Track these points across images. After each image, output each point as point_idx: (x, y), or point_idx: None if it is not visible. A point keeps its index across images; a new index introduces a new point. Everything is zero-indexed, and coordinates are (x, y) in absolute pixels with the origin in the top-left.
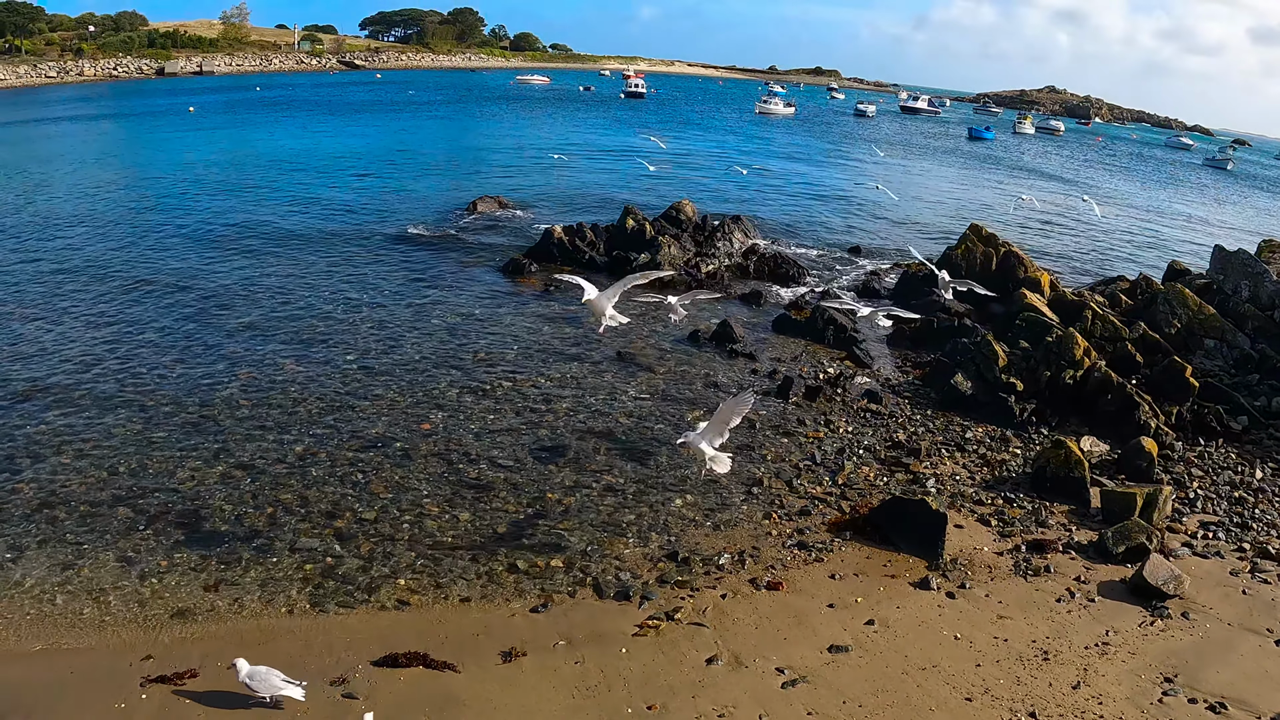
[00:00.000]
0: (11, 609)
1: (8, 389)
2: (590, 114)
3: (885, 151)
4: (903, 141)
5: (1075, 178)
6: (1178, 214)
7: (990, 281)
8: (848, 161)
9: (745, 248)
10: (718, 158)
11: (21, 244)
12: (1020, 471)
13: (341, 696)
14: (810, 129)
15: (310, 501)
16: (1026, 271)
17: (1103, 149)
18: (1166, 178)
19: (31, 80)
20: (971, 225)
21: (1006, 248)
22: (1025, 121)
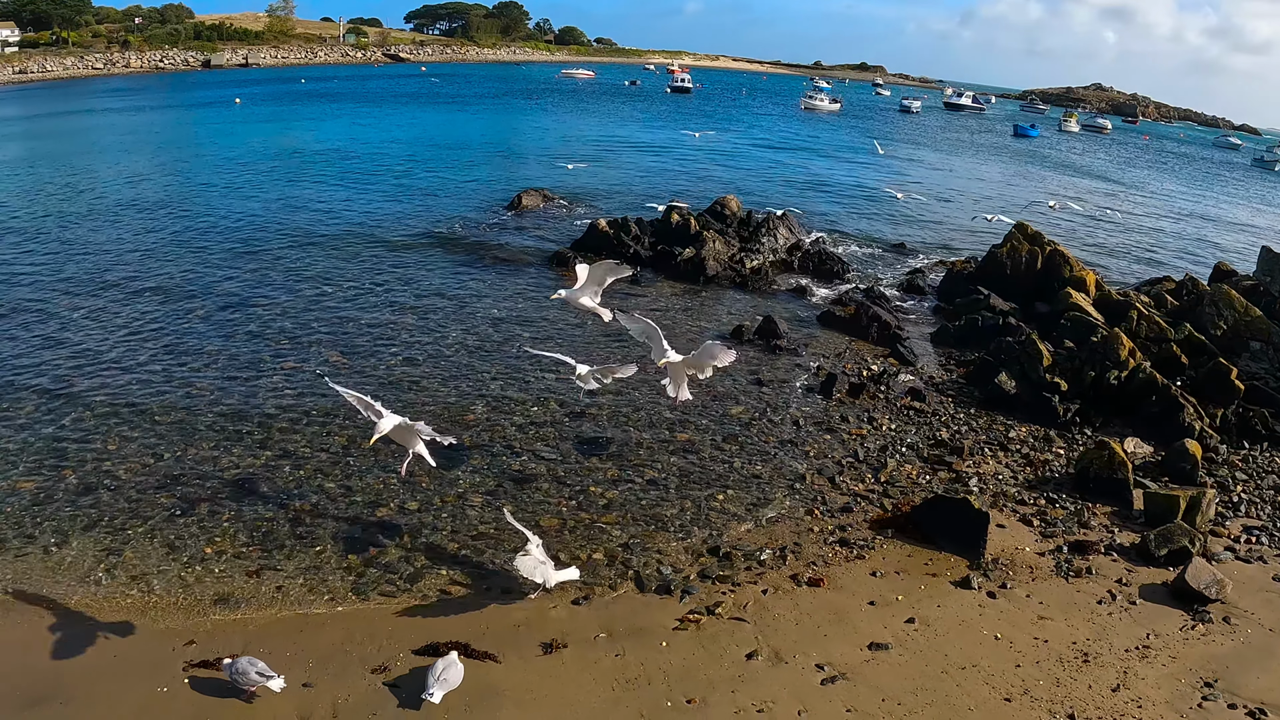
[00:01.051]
0: (56, 592)
1: (54, 376)
2: (636, 109)
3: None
4: (947, 138)
5: (1121, 177)
6: (1224, 214)
7: (1036, 281)
8: (893, 158)
9: (790, 244)
10: (763, 153)
11: (70, 234)
12: (1063, 472)
13: (382, 685)
14: (856, 125)
15: (354, 491)
16: (1072, 271)
17: (1149, 148)
18: (1213, 177)
19: (78, 72)
20: (1017, 224)
21: (1052, 246)
22: (1071, 119)
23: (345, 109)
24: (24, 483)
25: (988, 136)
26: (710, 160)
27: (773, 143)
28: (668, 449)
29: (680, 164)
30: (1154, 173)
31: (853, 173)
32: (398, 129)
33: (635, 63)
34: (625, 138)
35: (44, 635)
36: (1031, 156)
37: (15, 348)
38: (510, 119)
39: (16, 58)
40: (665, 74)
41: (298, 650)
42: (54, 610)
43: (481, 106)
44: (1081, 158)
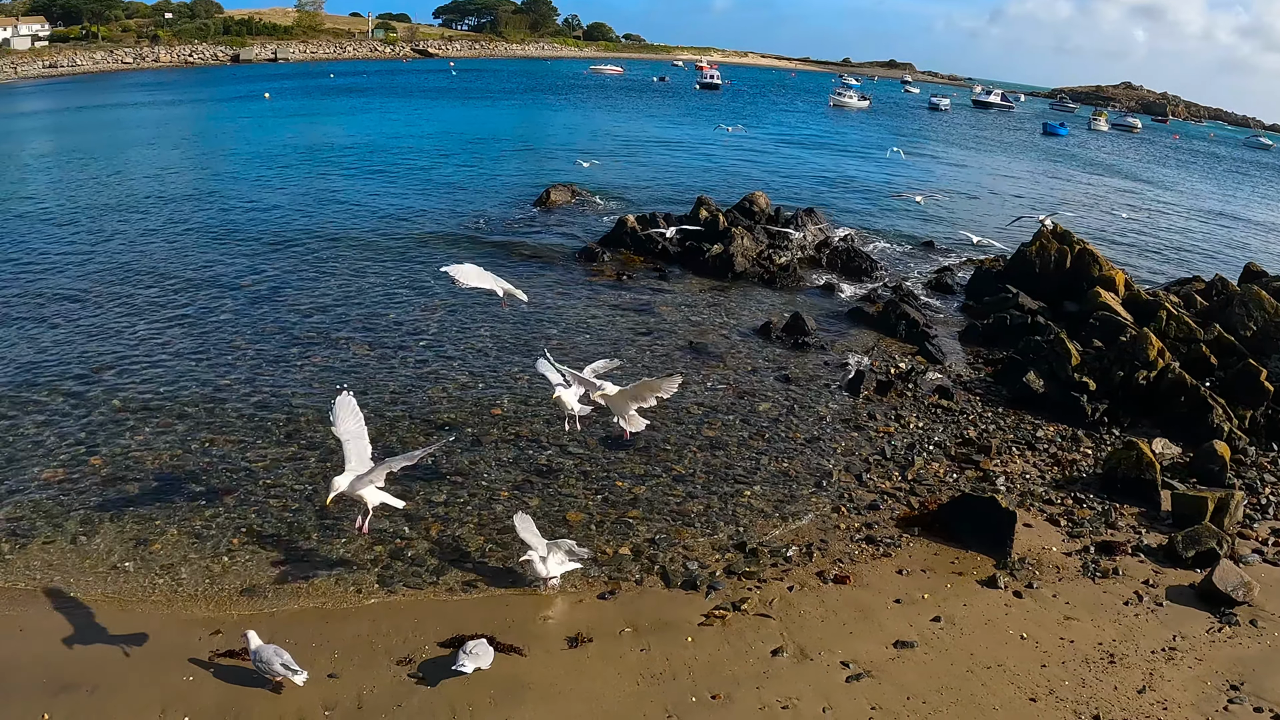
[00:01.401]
0: (84, 581)
1: (83, 366)
2: (666, 105)
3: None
4: (975, 136)
5: (1150, 176)
6: (1255, 214)
7: (1064, 279)
8: (921, 155)
9: (818, 240)
10: (791, 150)
11: (100, 225)
12: (1091, 472)
13: (407, 677)
14: (885, 122)
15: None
16: (1101, 270)
17: (1179, 147)
18: (1243, 177)
19: (108, 66)
20: None
21: (1081, 245)
22: (1100, 118)
23: (374, 103)
24: (53, 472)
25: (1017, 135)
26: (739, 156)
27: (801, 139)
28: (695, 445)
29: (709, 160)
30: (1184, 172)
31: (881, 170)
32: (426, 123)
33: (663, 59)
34: (655, 134)
35: (72, 623)
36: (1061, 155)
37: (46, 338)
38: (539, 114)
39: (47, 52)
40: (694, 71)
41: (323, 641)
42: (82, 599)
43: (510, 102)
44: (1111, 157)
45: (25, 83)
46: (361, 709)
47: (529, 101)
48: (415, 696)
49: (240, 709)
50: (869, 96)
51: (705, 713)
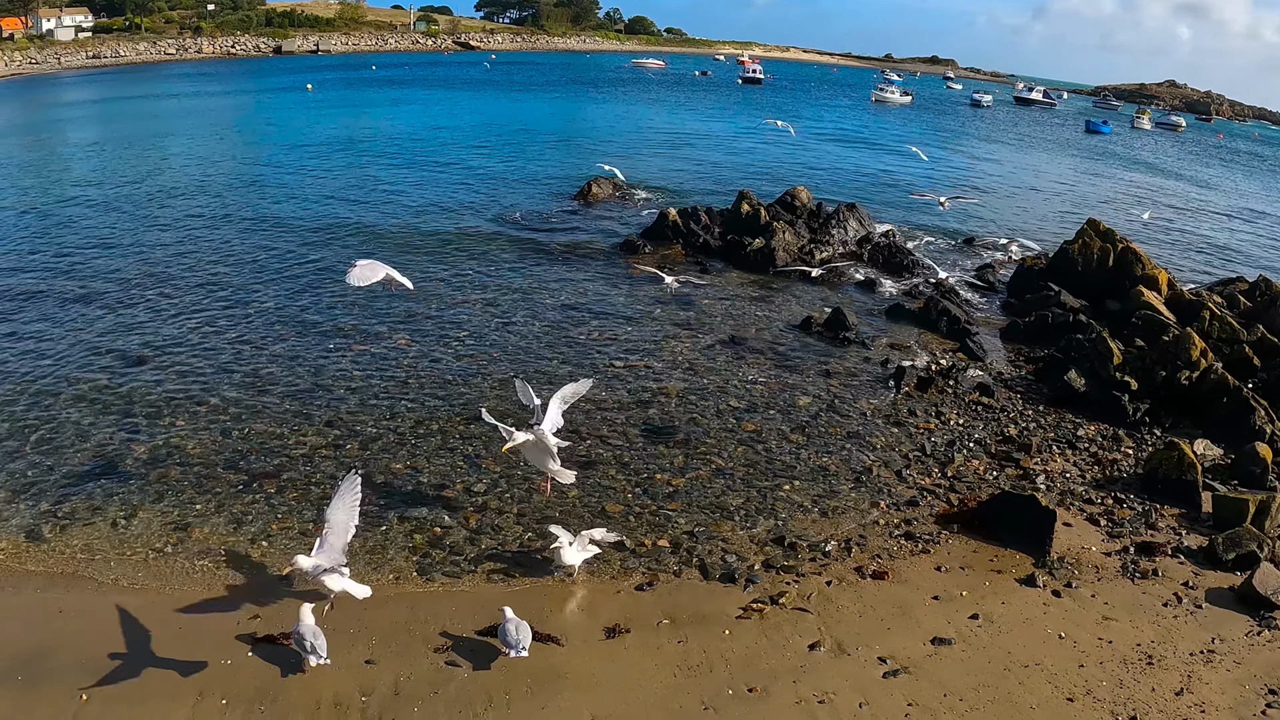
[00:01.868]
0: (124, 564)
1: (126, 352)
2: (707, 99)
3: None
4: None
5: (1195, 175)
6: None
7: (1107, 278)
8: (964, 151)
9: (860, 236)
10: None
11: (142, 215)
12: (1131, 472)
13: (445, 664)
14: (927, 118)
15: (420, 472)
16: (1144, 269)
17: (1224, 146)
18: None
19: (151, 57)
20: (1089, 220)
21: (1124, 244)
22: (1143, 116)
23: (416, 95)
24: (94, 457)
25: (1059, 132)
26: (781, 151)
27: (844, 134)
28: (735, 438)
29: (751, 154)
30: (1228, 171)
31: (924, 166)
32: (468, 115)
33: (705, 53)
34: (696, 128)
35: (111, 606)
36: (1104, 153)
37: (89, 324)
38: (580, 107)
39: (90, 43)
40: (735, 65)
41: (361, 627)
42: (121, 582)
43: (551, 95)
44: (1154, 155)
45: (69, 73)
46: (398, 695)
47: (570, 94)
48: (452, 684)
49: (277, 692)
50: (911, 92)
51: (742, 706)
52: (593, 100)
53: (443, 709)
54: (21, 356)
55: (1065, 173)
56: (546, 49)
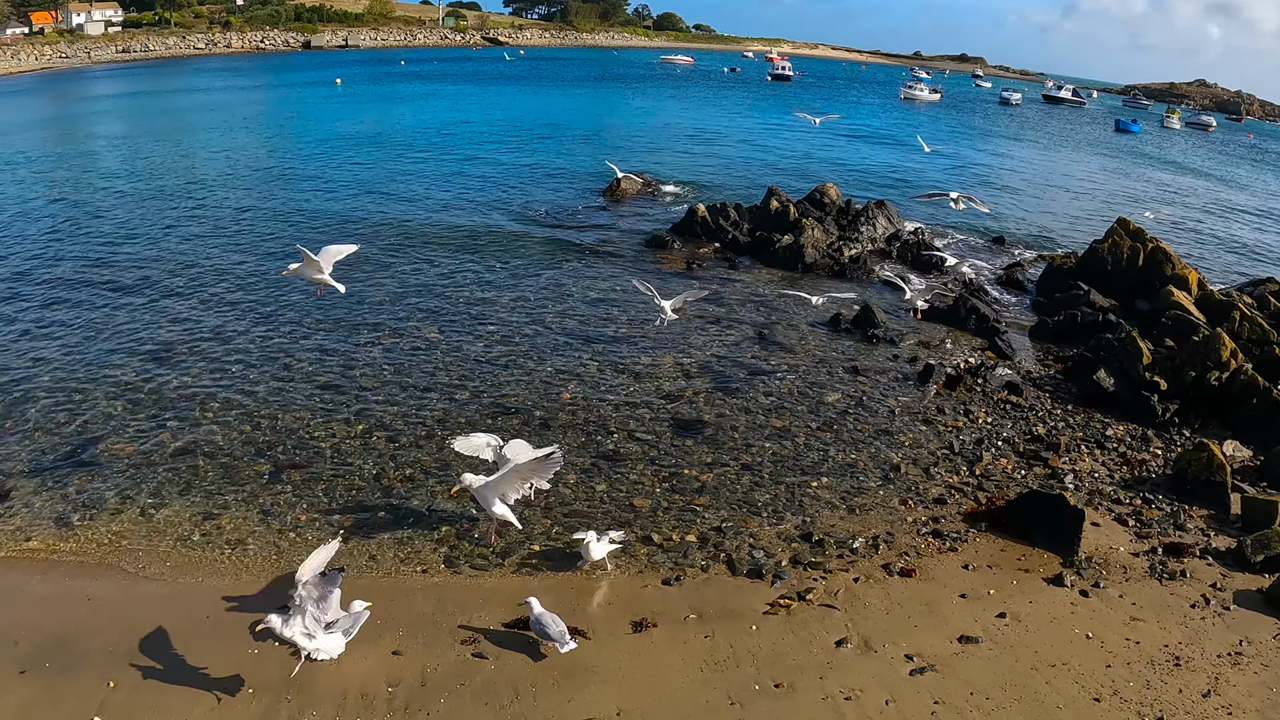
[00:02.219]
0: (152, 553)
1: (155, 343)
2: (736, 96)
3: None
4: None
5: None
6: None
7: (1137, 277)
8: (994, 149)
9: (888, 233)
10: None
11: (172, 207)
12: (1160, 472)
13: (472, 656)
14: (955, 115)
15: (449, 465)
16: (1174, 269)
17: (1255, 147)
18: None
19: (180, 51)
20: (1119, 219)
21: (1154, 244)
22: (1173, 116)
23: (445, 90)
24: (123, 446)
25: (1088, 131)
26: (810, 148)
27: (872, 131)
28: (763, 434)
29: (780, 151)
30: (1258, 172)
31: (952, 164)
32: (497, 111)
33: (733, 50)
34: (725, 125)
35: (140, 594)
36: (1133, 153)
37: (120, 315)
38: (609, 103)
39: (120, 37)
40: (764, 62)
41: (388, 618)
42: (151, 570)
43: (580, 90)
44: (1184, 155)
45: (98, 67)
46: (425, 686)
47: (599, 90)
48: (479, 676)
49: (304, 681)
50: (940, 89)
51: (768, 701)
52: (621, 96)
53: (469, 701)
54: (52, 346)
55: (1094, 172)
56: (575, 45)
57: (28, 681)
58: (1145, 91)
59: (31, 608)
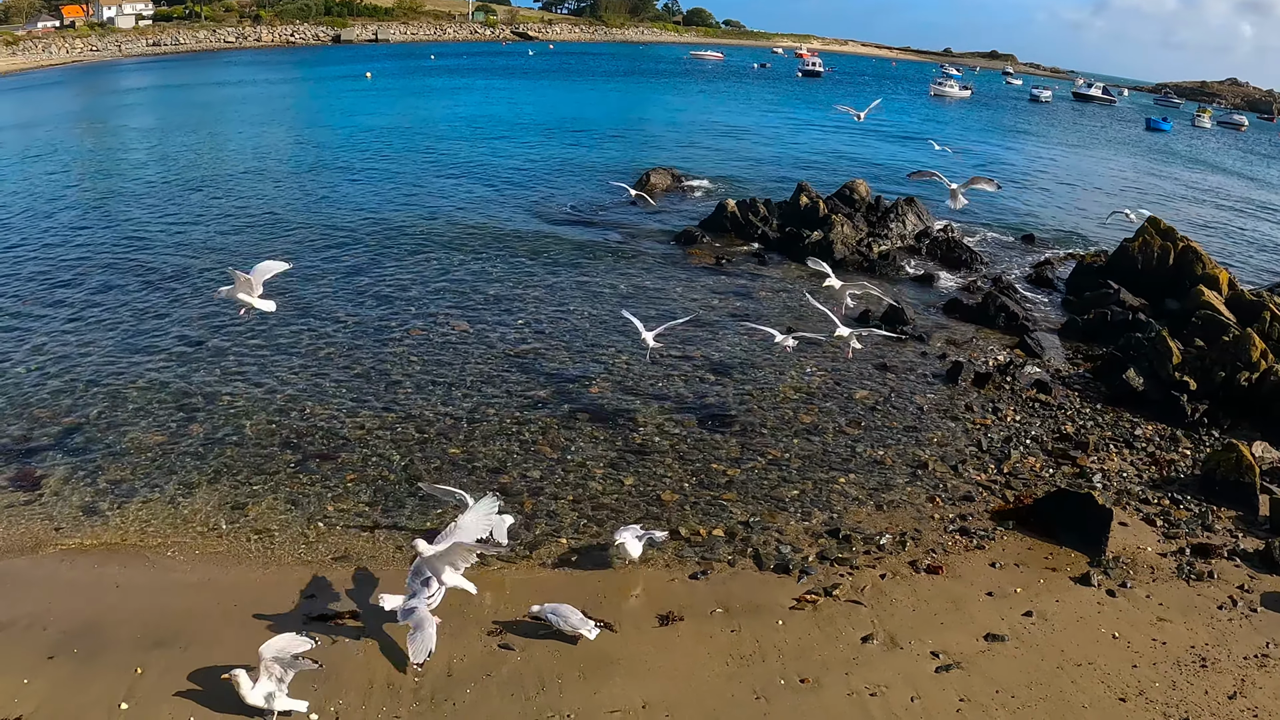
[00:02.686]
0: (181, 541)
1: (183, 333)
2: (767, 92)
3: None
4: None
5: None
6: None
7: (1167, 276)
8: (1023, 147)
9: (918, 230)
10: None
11: (202, 199)
12: (1188, 473)
13: (498, 648)
14: (986, 113)
15: (477, 457)
16: (1204, 268)
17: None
18: None
19: (210, 45)
20: (1150, 218)
21: (1185, 243)
22: (1204, 115)
23: (474, 85)
24: (153, 435)
25: (1118, 130)
26: (840, 144)
27: (902, 128)
28: (791, 430)
29: (810, 147)
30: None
31: (983, 161)
32: (526, 106)
33: (763, 45)
34: (756, 120)
35: (168, 582)
36: (1164, 151)
37: (149, 306)
38: (639, 98)
39: (150, 30)
40: (794, 58)
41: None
42: (179, 558)
43: (610, 85)
44: (1216, 154)
45: (129, 60)
46: (451, 677)
47: (629, 85)
48: (505, 667)
49: (331, 671)
50: (970, 86)
51: (793, 696)
52: (651, 92)
53: (495, 691)
54: (82, 336)
55: (1125, 170)
56: (604, 40)
57: (56, 667)
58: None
59: (60, 594)
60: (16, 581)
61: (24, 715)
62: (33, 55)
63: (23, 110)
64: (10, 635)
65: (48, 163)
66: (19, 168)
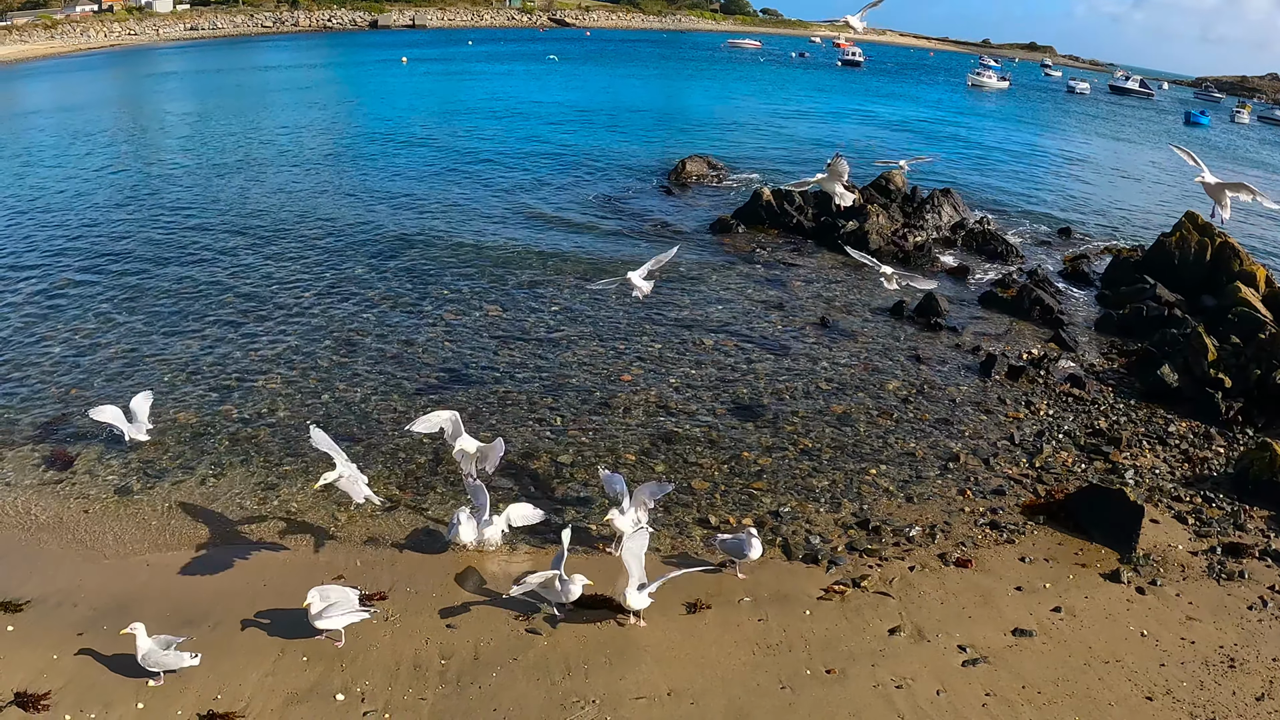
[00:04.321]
0: (212, 522)
1: (218, 315)
2: (806, 80)
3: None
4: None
5: None
6: None
7: (1204, 272)
8: (1061, 140)
9: (953, 222)
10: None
11: (238, 182)
12: (1221, 471)
13: (525, 632)
14: (1023, 104)
15: (508, 441)
16: (1242, 265)
17: None
18: None
19: (248, 30)
20: (1187, 213)
21: (1222, 239)
22: (1244, 110)
23: (512, 70)
24: (185, 415)
25: (1155, 123)
26: (878, 133)
27: (941, 119)
28: (823, 420)
29: (847, 137)
30: None
31: (1020, 154)
32: (563, 91)
33: (800, 34)
34: (794, 109)
35: (200, 561)
36: (1201, 145)
37: (184, 288)
38: (677, 85)
39: (188, 15)
40: (831, 47)
41: (443, 592)
42: (210, 539)
43: (647, 72)
44: (1255, 149)
45: (167, 44)
46: (478, 660)
47: (666, 72)
48: (531, 651)
49: (358, 651)
50: (1008, 77)
51: (819, 687)
52: (689, 79)
53: (521, 676)
54: (117, 315)
55: (1162, 164)
56: (642, 27)
57: (85, 643)
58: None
59: (91, 572)
60: (48, 559)
61: (52, 690)
62: (71, 39)
63: (63, 94)
64: (41, 611)
65: (87, 144)
66: (58, 150)
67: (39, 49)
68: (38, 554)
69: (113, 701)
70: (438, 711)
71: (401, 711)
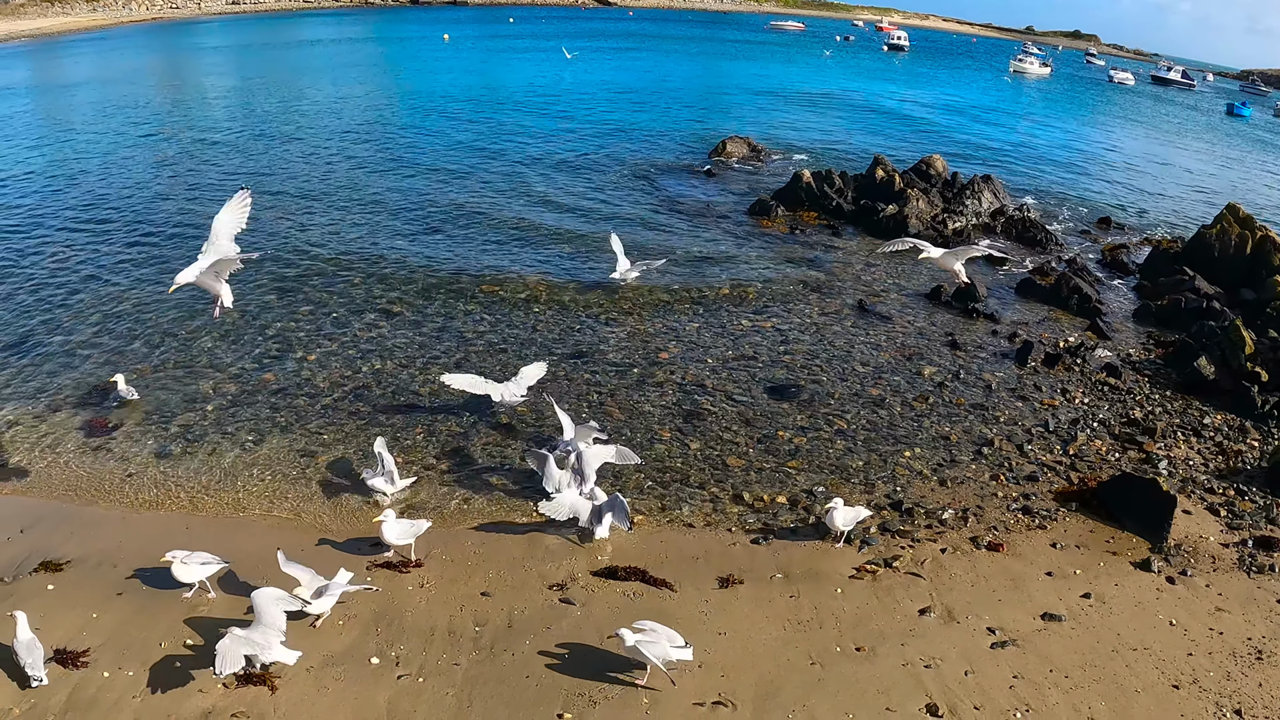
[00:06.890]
0: (248, 487)
1: (260, 285)
2: (851, 64)
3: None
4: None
5: None
6: None
7: (1244, 265)
8: (1101, 128)
9: (994, 208)
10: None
11: (279, 155)
12: (1255, 465)
13: (559, 602)
14: (1064, 91)
15: (545, 417)
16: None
17: None
18: None
19: (290, 5)
20: (1228, 205)
21: (1263, 232)
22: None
23: (554, 47)
24: (227, 385)
25: (1197, 114)
26: (920, 118)
27: (983, 105)
28: (858, 402)
29: (888, 120)
30: None
31: (1062, 142)
32: (604, 70)
33: (843, 17)
34: (837, 90)
35: (237, 525)
36: (1243, 137)
37: None
38: (719, 65)
39: None
40: (875, 31)
41: (479, 561)
42: (249, 506)
43: (689, 52)
44: None
45: (209, 18)
46: (511, 628)
47: (709, 52)
48: (565, 620)
49: (394, 616)
50: (1050, 64)
51: (849, 664)
52: (731, 59)
53: (554, 644)
54: (158, 284)
55: (1202, 155)
56: (684, 7)
57: (124, 603)
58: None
59: (131, 535)
60: (89, 520)
61: (92, 648)
62: (113, 12)
63: (106, 67)
64: (82, 571)
65: (131, 114)
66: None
67: (81, 21)
68: (78, 515)
69: (150, 658)
70: (471, 677)
71: (435, 676)
